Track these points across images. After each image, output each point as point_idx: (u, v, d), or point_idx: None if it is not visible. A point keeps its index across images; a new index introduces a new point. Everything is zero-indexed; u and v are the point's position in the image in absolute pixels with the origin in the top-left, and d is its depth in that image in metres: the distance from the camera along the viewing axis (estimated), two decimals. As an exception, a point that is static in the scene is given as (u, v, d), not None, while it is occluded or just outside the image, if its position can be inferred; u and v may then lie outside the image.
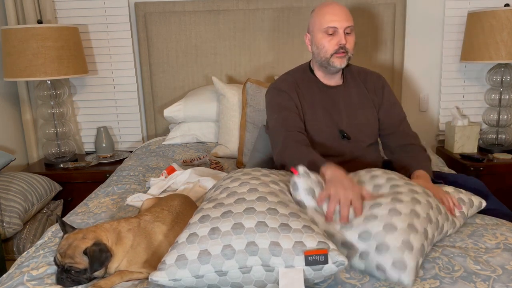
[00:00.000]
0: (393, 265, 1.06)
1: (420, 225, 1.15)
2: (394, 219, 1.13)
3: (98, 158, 2.70)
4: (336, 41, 1.64)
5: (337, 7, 1.64)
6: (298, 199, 1.23)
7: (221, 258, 1.02)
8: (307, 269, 1.01)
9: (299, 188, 1.24)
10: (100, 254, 1.13)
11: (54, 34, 2.38)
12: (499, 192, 2.49)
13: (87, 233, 1.16)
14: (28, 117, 2.75)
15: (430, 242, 1.18)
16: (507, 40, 2.36)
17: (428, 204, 1.23)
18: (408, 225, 1.12)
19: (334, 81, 1.76)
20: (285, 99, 1.70)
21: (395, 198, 1.20)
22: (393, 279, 1.06)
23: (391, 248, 1.08)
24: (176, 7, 2.69)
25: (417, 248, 1.10)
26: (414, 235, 1.11)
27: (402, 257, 1.06)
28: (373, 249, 1.10)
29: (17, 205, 2.11)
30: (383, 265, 1.07)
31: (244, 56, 2.73)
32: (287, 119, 1.66)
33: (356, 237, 1.14)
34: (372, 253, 1.09)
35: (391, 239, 1.09)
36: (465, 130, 2.60)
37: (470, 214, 1.40)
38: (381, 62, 2.73)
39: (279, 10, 2.66)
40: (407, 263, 1.06)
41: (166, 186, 1.81)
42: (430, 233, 1.17)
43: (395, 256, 1.06)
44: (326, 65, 1.68)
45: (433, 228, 1.19)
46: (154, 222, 1.26)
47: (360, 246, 1.12)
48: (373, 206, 1.20)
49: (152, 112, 2.84)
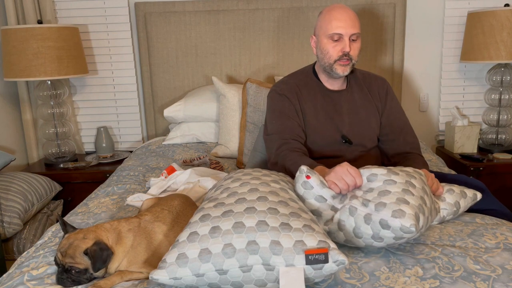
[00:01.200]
0: (393, 216, 1.12)
1: (416, 192, 1.20)
2: (389, 187, 1.20)
3: (98, 158, 2.70)
4: (340, 48, 1.61)
5: (345, 12, 1.61)
6: (317, 195, 1.26)
7: (222, 257, 1.02)
8: (308, 268, 1.02)
9: (314, 186, 1.26)
10: (101, 252, 1.13)
11: (54, 34, 2.38)
12: (499, 192, 2.49)
13: (88, 233, 1.16)
14: (28, 117, 2.75)
15: (430, 211, 1.21)
16: (507, 40, 2.36)
17: (421, 180, 1.27)
18: (403, 190, 1.19)
19: (337, 85, 1.75)
20: (285, 104, 1.70)
21: (391, 171, 1.26)
22: (396, 228, 1.11)
23: (387, 204, 1.15)
24: (176, 7, 2.69)
25: (414, 204, 1.15)
26: (410, 196, 1.18)
27: (399, 208, 1.13)
28: (373, 210, 1.16)
29: (17, 205, 2.11)
30: (384, 219, 1.13)
31: (244, 56, 2.73)
32: (284, 126, 1.66)
33: (360, 204, 1.20)
34: (374, 213, 1.15)
35: (387, 199, 1.17)
36: (465, 130, 2.61)
37: (465, 205, 1.41)
38: (381, 62, 2.74)
39: (279, 10, 2.67)
40: (404, 211, 1.12)
41: (166, 186, 1.81)
42: (428, 202, 1.21)
43: (393, 208, 1.14)
44: (329, 70, 1.67)
45: (429, 200, 1.23)
46: (155, 222, 1.26)
47: (363, 210, 1.18)
48: (370, 177, 1.26)
49: (152, 112, 2.84)
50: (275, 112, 1.71)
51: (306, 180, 1.26)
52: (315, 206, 1.26)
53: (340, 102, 1.72)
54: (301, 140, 1.66)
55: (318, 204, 1.26)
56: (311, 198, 1.26)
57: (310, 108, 1.70)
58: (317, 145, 1.69)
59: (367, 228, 1.16)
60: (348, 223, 1.20)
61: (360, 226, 1.17)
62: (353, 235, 1.19)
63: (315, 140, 1.69)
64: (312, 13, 2.66)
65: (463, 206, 1.40)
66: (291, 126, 1.67)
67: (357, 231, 1.18)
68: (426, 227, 1.20)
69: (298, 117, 1.69)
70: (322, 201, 1.26)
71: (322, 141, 1.69)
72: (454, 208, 1.38)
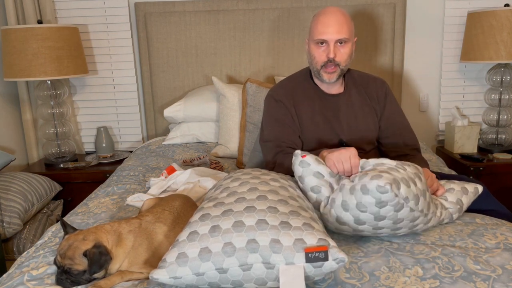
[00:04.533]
0: (371, 179, 1.15)
1: (406, 174, 1.21)
2: (380, 167, 1.24)
3: (98, 158, 2.70)
4: (326, 54, 1.60)
5: (333, 17, 1.58)
6: (315, 171, 1.29)
7: (222, 256, 1.02)
8: (308, 266, 1.02)
9: (310, 163, 1.30)
10: (100, 257, 1.12)
11: (54, 34, 2.38)
12: (499, 192, 2.49)
13: (88, 235, 1.16)
14: (28, 117, 2.75)
15: (421, 193, 1.21)
16: (507, 40, 2.36)
17: (416, 168, 1.28)
18: (393, 167, 1.23)
19: (334, 89, 1.73)
20: (281, 110, 1.70)
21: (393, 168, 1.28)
22: (373, 190, 1.13)
23: (369, 174, 1.18)
24: (176, 7, 2.69)
25: (397, 176, 1.17)
26: (396, 173, 1.19)
27: (378, 174, 1.16)
28: (357, 181, 1.19)
29: (17, 205, 2.11)
30: (364, 184, 1.15)
31: (244, 56, 2.73)
32: (281, 133, 1.67)
33: (348, 181, 1.24)
34: (357, 183, 1.18)
35: (372, 175, 1.18)
36: (465, 130, 2.60)
37: (468, 201, 1.41)
38: (381, 62, 2.74)
39: (279, 10, 2.67)
40: (382, 175, 1.14)
41: (166, 186, 1.81)
42: (420, 186, 1.22)
43: (372, 176, 1.16)
44: (317, 76, 1.67)
45: (424, 186, 1.24)
46: (156, 223, 1.26)
47: (349, 184, 1.21)
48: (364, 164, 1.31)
49: (152, 112, 2.84)
50: (271, 118, 1.71)
51: (302, 159, 1.30)
52: (314, 182, 1.29)
53: (338, 106, 1.71)
54: (297, 147, 1.67)
55: (316, 180, 1.29)
56: (310, 175, 1.30)
57: (307, 113, 1.70)
58: (315, 149, 1.68)
59: (351, 198, 1.18)
60: (337, 199, 1.23)
61: (346, 198, 1.20)
62: (342, 209, 1.21)
63: (312, 144, 1.69)
64: (312, 13, 2.66)
65: (466, 202, 1.40)
66: (287, 134, 1.67)
67: (344, 204, 1.20)
68: (415, 202, 1.19)
69: (294, 124, 1.69)
70: (320, 177, 1.29)
71: (320, 145, 1.68)
72: (458, 206, 1.38)
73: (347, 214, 1.21)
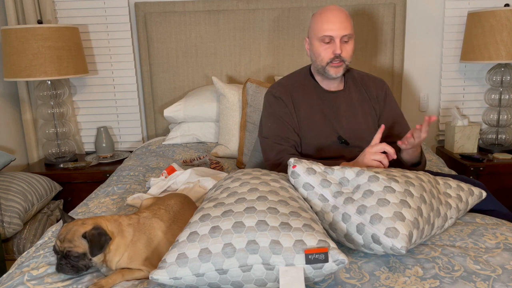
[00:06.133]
0: (386, 234, 1.12)
1: (413, 203, 1.20)
2: (388, 195, 1.19)
3: (98, 158, 2.70)
4: (331, 50, 1.61)
5: (335, 14, 1.60)
6: (304, 182, 1.27)
7: (222, 257, 1.02)
8: (308, 267, 1.02)
9: (300, 174, 1.28)
10: (99, 237, 1.13)
11: (54, 34, 2.38)
12: (499, 192, 2.49)
13: (87, 220, 1.18)
14: (28, 117, 2.75)
15: (427, 221, 1.21)
16: (507, 40, 2.36)
17: (421, 187, 1.27)
18: (401, 201, 1.18)
19: (334, 86, 1.74)
20: (280, 107, 1.71)
21: (391, 177, 1.26)
22: (387, 246, 1.12)
23: (383, 218, 1.14)
24: (176, 7, 2.69)
25: (410, 220, 1.15)
26: (407, 209, 1.17)
27: (394, 226, 1.12)
28: (367, 221, 1.15)
29: (17, 205, 2.11)
30: (377, 234, 1.13)
31: (244, 56, 2.73)
32: (280, 130, 1.68)
33: (354, 211, 1.19)
34: (367, 225, 1.15)
35: (384, 211, 1.15)
36: (465, 130, 2.60)
37: (472, 203, 1.41)
38: (381, 62, 2.74)
39: (279, 10, 2.67)
40: (399, 230, 1.11)
41: (166, 186, 1.81)
42: (425, 212, 1.21)
43: (387, 225, 1.13)
44: (322, 72, 1.68)
45: (427, 208, 1.23)
46: (152, 218, 1.28)
47: (356, 219, 1.17)
48: (371, 178, 1.25)
49: (152, 112, 2.84)
50: (271, 115, 1.72)
51: (293, 170, 1.29)
52: (304, 194, 1.28)
53: (337, 103, 1.71)
54: (296, 144, 1.68)
55: (306, 192, 1.28)
56: (300, 186, 1.29)
57: (306, 110, 1.70)
58: (314, 146, 1.69)
59: (359, 238, 1.17)
60: (339, 227, 1.21)
61: (352, 233, 1.18)
62: (345, 240, 1.21)
63: (312, 141, 1.69)
64: (312, 13, 2.66)
65: (471, 203, 1.41)
66: (286, 131, 1.68)
67: (349, 237, 1.19)
68: (421, 239, 1.21)
69: (293, 121, 1.70)
70: (310, 188, 1.27)
71: (319, 142, 1.69)
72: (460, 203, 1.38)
73: (350, 245, 1.22)
